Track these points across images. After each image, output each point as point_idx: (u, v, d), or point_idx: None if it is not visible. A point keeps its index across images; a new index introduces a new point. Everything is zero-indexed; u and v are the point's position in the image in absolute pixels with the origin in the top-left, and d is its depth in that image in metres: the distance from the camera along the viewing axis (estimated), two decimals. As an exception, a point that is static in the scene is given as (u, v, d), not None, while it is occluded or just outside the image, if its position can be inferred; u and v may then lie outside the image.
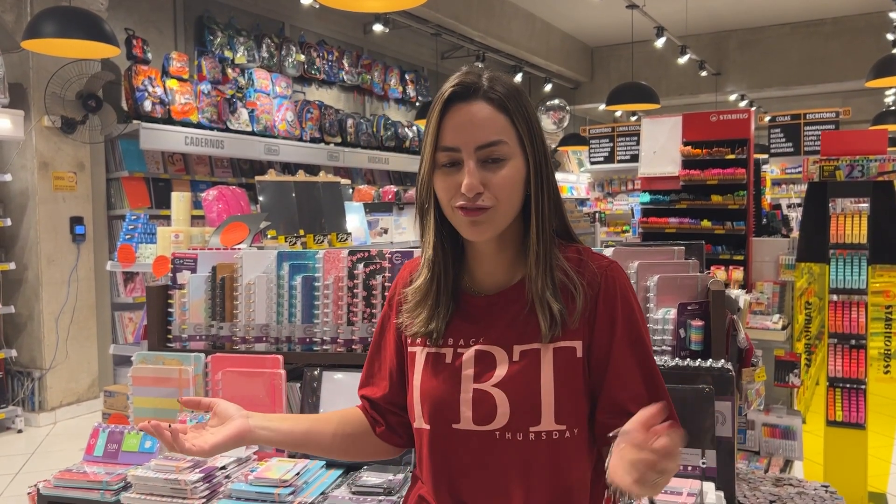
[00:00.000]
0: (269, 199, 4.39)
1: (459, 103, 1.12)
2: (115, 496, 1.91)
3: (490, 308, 1.19)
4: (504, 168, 1.11)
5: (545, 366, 1.13)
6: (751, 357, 2.05)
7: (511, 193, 1.13)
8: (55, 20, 4.60)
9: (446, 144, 1.12)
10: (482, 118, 1.11)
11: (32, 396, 5.96)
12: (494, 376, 1.14)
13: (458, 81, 1.13)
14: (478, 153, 1.10)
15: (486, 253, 1.20)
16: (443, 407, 1.17)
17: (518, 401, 1.13)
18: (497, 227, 1.14)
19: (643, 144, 5.85)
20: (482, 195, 1.10)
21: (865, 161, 3.84)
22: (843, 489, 2.76)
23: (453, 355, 1.18)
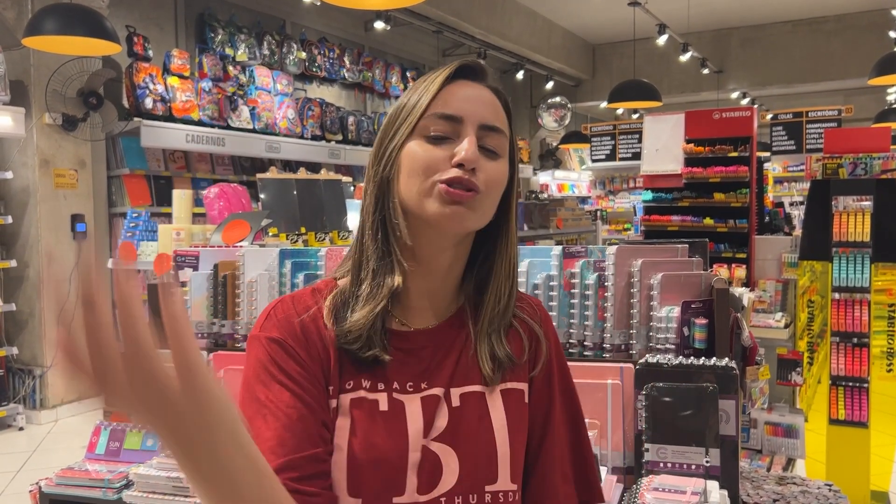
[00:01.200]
0: (271, 196, 4.39)
1: (467, 80, 0.99)
2: (116, 494, 1.90)
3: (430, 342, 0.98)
4: (499, 162, 0.96)
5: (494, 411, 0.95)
6: (754, 355, 2.04)
7: (497, 192, 0.97)
8: (56, 17, 4.59)
9: (448, 112, 0.94)
10: (491, 101, 0.98)
11: (34, 394, 5.96)
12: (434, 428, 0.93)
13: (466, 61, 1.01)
14: (479, 132, 0.95)
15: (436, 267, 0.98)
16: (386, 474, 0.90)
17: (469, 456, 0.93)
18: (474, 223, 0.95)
19: (645, 142, 5.85)
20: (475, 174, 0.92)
21: (869, 159, 3.83)
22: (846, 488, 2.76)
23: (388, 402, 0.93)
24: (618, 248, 2.04)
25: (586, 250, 2.09)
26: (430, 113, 0.94)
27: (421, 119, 0.94)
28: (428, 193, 0.92)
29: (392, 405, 0.93)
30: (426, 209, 0.93)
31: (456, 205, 0.92)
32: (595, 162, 10.01)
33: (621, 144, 9.59)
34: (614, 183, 10.77)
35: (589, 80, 13.58)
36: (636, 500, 1.66)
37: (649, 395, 1.79)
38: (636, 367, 1.85)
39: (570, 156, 14.33)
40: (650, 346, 1.97)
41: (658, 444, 1.77)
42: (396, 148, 0.95)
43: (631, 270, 2.01)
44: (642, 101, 8.71)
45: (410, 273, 0.97)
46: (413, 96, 0.97)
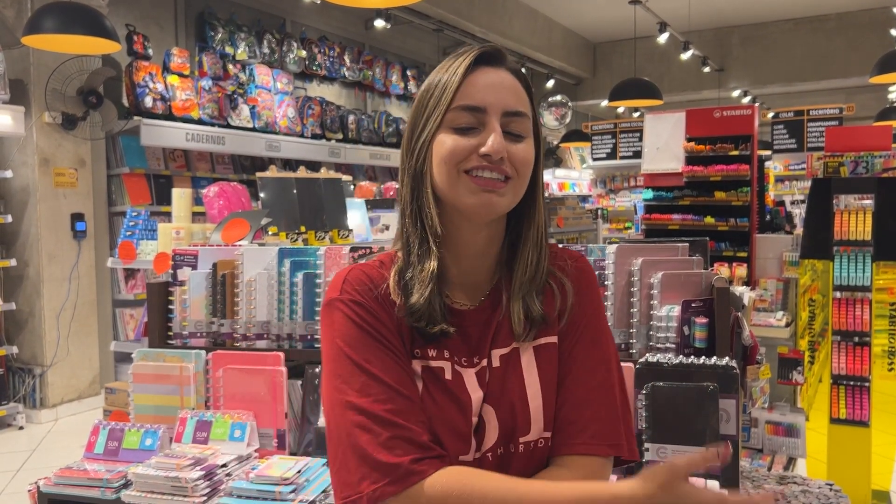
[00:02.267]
0: (270, 195, 4.38)
1: (486, 67, 1.02)
2: (115, 494, 1.90)
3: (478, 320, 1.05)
4: (526, 143, 1.01)
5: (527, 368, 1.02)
6: (755, 354, 2.03)
7: (527, 173, 1.02)
8: (56, 16, 4.58)
9: (470, 103, 0.99)
10: (511, 85, 1.02)
11: (33, 393, 5.95)
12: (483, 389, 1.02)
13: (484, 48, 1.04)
14: (504, 119, 0.99)
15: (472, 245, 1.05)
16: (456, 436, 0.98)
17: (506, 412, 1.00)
18: (508, 206, 1.02)
19: (646, 140, 5.84)
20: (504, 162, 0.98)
21: (870, 157, 3.82)
22: (847, 487, 2.75)
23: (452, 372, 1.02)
24: (618, 246, 2.03)
25: (586, 249, 2.08)
26: (456, 105, 0.99)
27: (447, 112, 0.99)
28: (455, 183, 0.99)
29: (454, 375, 1.01)
30: (461, 200, 0.99)
31: (489, 193, 0.98)
32: (596, 160, 10.00)
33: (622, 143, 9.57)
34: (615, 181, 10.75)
35: (590, 78, 13.56)
36: None
37: (649, 394, 1.79)
38: (636, 366, 1.85)
39: (570, 154, 14.32)
40: (650, 345, 1.96)
41: (658, 444, 1.77)
42: (427, 141, 1.01)
43: (631, 269, 2.00)
44: (643, 100, 8.70)
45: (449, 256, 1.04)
46: (437, 88, 1.01)
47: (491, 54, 1.02)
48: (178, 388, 2.19)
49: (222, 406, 2.16)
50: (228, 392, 2.16)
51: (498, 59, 1.03)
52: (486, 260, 1.07)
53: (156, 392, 2.21)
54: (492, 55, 1.02)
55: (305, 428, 2.09)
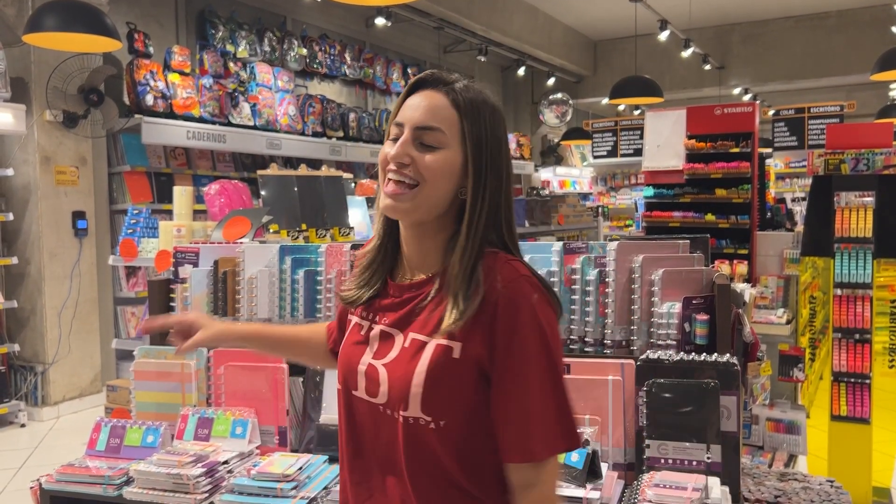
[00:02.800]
0: (271, 193, 4.38)
1: (422, 89, 1.24)
2: (117, 491, 1.90)
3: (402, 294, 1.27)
4: (435, 153, 1.20)
5: (424, 357, 1.18)
6: (756, 351, 2.04)
7: (436, 179, 1.19)
8: (56, 14, 4.59)
9: (396, 120, 1.24)
10: (432, 104, 1.21)
11: (35, 391, 5.96)
12: (387, 356, 1.24)
13: (430, 72, 1.26)
14: (415, 132, 1.20)
15: (408, 238, 1.28)
16: (349, 373, 1.28)
17: (393, 382, 1.20)
18: (415, 209, 1.20)
19: (647, 138, 5.83)
20: (407, 167, 1.19)
21: (871, 154, 3.82)
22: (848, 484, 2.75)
23: (367, 329, 1.30)
24: (619, 243, 2.03)
25: (587, 246, 2.08)
26: (392, 122, 1.25)
27: (390, 126, 1.25)
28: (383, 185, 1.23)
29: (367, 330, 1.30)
30: (380, 201, 1.24)
31: (393, 198, 1.20)
32: (596, 158, 9.99)
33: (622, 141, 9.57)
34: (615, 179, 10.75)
35: (590, 76, 13.55)
36: (637, 496, 1.66)
37: (650, 391, 1.79)
38: (637, 363, 1.85)
39: (571, 152, 14.31)
40: (651, 342, 1.96)
41: (659, 441, 1.77)
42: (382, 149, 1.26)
43: (632, 266, 2.01)
44: (644, 98, 8.70)
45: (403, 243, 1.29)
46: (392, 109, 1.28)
47: (428, 81, 1.24)
48: (180, 386, 2.19)
49: (224, 403, 2.17)
50: (230, 389, 2.16)
51: (434, 83, 1.24)
52: (426, 257, 1.26)
53: (157, 389, 2.22)
54: (430, 80, 1.24)
55: (307, 425, 2.10)
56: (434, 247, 1.25)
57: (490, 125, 1.22)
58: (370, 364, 1.25)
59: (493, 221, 1.22)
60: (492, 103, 1.24)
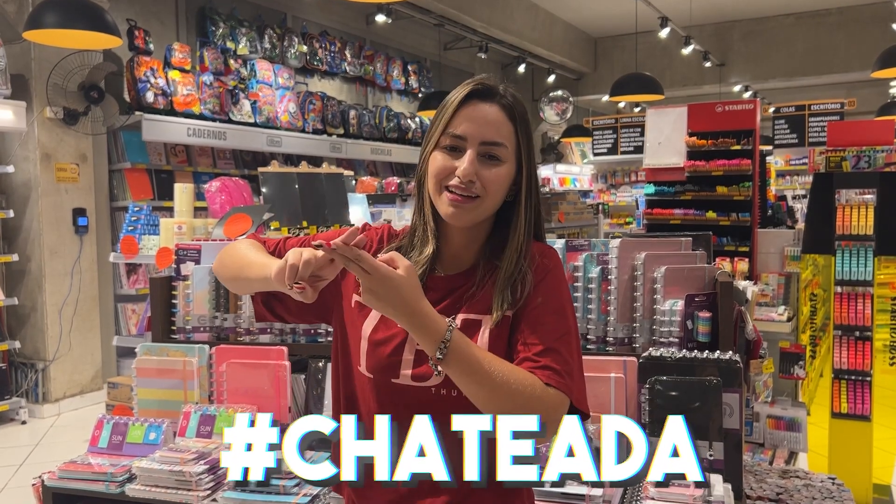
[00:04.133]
0: (272, 190, 4.38)
1: (477, 100, 1.26)
2: (119, 488, 1.90)
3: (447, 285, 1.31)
4: (499, 167, 1.25)
5: (482, 332, 1.25)
6: (758, 349, 2.04)
7: (498, 190, 1.26)
8: (57, 11, 4.58)
9: (456, 132, 1.24)
10: (494, 119, 1.25)
11: (36, 388, 5.97)
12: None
13: (480, 81, 1.28)
14: (480, 147, 1.24)
15: (457, 240, 1.32)
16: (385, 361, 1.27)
17: None
18: (476, 218, 1.26)
19: (648, 135, 5.83)
20: (475, 184, 1.23)
21: (872, 152, 3.82)
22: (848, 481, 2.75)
23: None
24: (621, 241, 2.03)
25: (589, 243, 2.08)
26: (447, 131, 1.25)
27: (441, 136, 1.26)
28: (438, 193, 1.26)
29: None
30: (440, 208, 1.26)
31: (457, 207, 1.24)
32: (597, 156, 9.99)
33: (623, 138, 9.56)
34: (616, 177, 10.73)
35: (591, 73, 13.54)
36: (640, 493, 1.66)
37: (653, 388, 1.79)
38: (639, 360, 1.85)
39: (571, 149, 14.30)
40: (653, 339, 1.96)
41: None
42: (427, 154, 1.28)
43: (634, 264, 2.00)
44: (644, 95, 8.69)
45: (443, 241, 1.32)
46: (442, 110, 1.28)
47: (482, 91, 1.26)
48: (182, 383, 2.19)
49: (226, 400, 2.17)
50: (232, 386, 2.16)
51: (489, 94, 1.26)
52: (469, 250, 1.32)
53: (159, 386, 2.22)
54: (484, 91, 1.27)
55: (309, 422, 2.10)
56: (482, 240, 1.32)
57: (529, 127, 1.31)
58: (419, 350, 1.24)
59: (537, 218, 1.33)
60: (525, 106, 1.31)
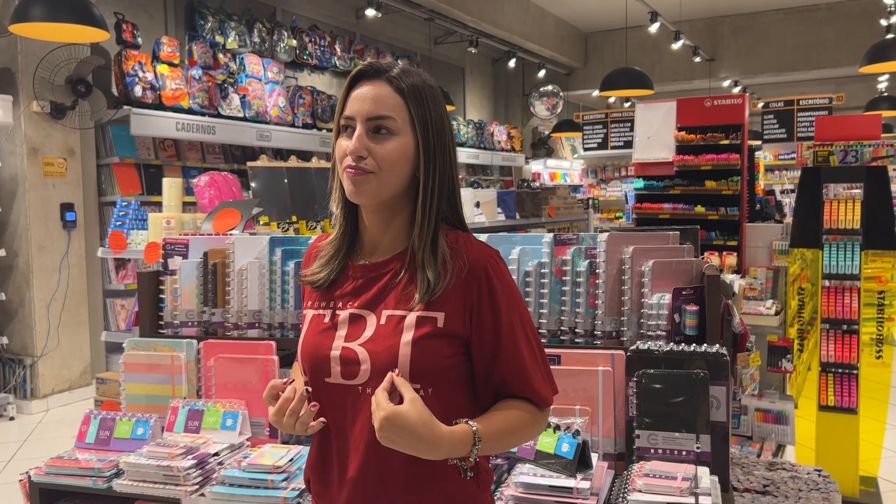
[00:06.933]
0: (262, 185, 4.37)
1: (364, 81, 1.28)
2: (107, 483, 1.90)
3: (367, 274, 1.32)
4: (390, 141, 1.25)
5: (406, 330, 1.24)
6: (745, 342, 2.05)
7: (393, 165, 1.25)
8: (43, 3, 4.54)
9: (345, 113, 1.28)
10: (377, 94, 1.26)
11: (24, 384, 5.93)
12: (362, 336, 1.27)
13: (369, 63, 1.30)
14: (367, 123, 1.25)
15: (372, 222, 1.32)
16: (317, 361, 1.29)
17: (377, 357, 1.24)
18: (376, 193, 1.26)
19: (637, 130, 5.84)
20: (365, 159, 1.24)
21: (859, 146, 3.83)
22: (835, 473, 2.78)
23: (331, 316, 1.32)
24: (609, 234, 2.04)
25: (577, 237, 2.09)
26: (342, 116, 1.29)
27: (339, 121, 1.29)
28: (342, 176, 1.28)
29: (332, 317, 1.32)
30: (344, 187, 1.28)
31: (355, 185, 1.25)
32: (587, 150, 9.98)
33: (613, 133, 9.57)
34: (606, 171, 10.74)
35: (581, 68, 13.55)
36: (627, 486, 1.67)
37: (640, 381, 1.80)
38: (627, 353, 1.86)
39: (561, 144, 14.32)
40: (641, 332, 1.97)
41: (649, 431, 1.78)
42: (333, 143, 1.32)
43: (622, 257, 2.01)
44: (634, 90, 8.70)
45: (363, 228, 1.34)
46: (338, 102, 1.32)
47: (368, 72, 1.28)
48: (170, 378, 2.19)
49: (214, 395, 2.16)
50: (220, 381, 2.16)
51: (375, 73, 1.28)
52: (387, 236, 1.32)
53: (147, 381, 2.21)
54: (370, 71, 1.28)
55: (297, 416, 2.10)
56: (400, 226, 1.32)
57: (433, 105, 1.29)
58: (344, 347, 1.27)
59: (446, 195, 1.30)
60: (430, 83, 1.30)
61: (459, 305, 1.26)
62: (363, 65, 1.30)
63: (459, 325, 1.26)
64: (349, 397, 1.27)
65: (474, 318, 1.26)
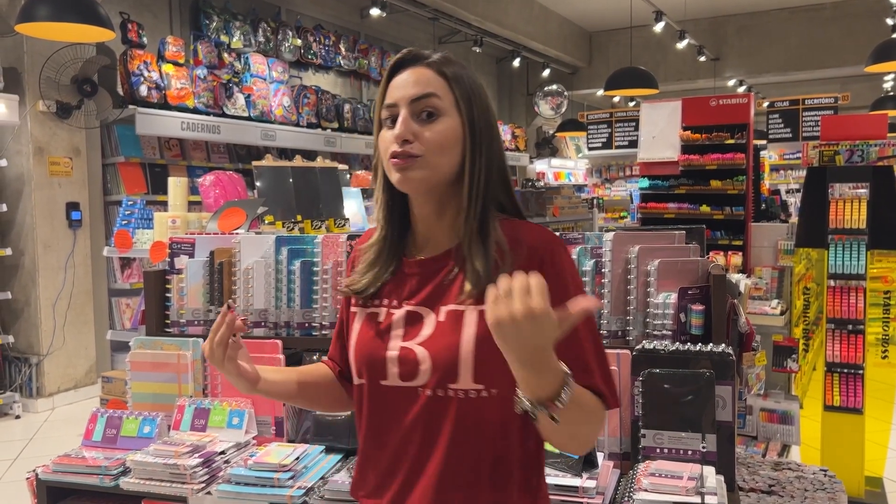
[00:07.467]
0: (267, 184, 4.37)
1: (405, 68, 1.24)
2: (113, 481, 1.90)
3: (423, 270, 1.26)
4: (436, 122, 1.20)
5: (467, 326, 1.17)
6: (751, 341, 2.05)
7: (441, 147, 1.19)
8: (49, 3, 4.55)
9: (387, 102, 1.23)
10: (419, 77, 1.22)
11: (30, 382, 5.95)
12: (420, 335, 1.21)
13: (407, 50, 1.26)
14: (411, 106, 1.20)
15: (423, 216, 1.26)
16: (373, 364, 1.23)
17: (438, 358, 1.18)
18: (425, 180, 1.20)
19: (642, 129, 5.83)
20: (411, 143, 1.18)
21: (865, 146, 3.83)
22: (840, 473, 2.77)
23: (385, 315, 1.26)
24: (615, 234, 2.04)
25: (583, 237, 2.09)
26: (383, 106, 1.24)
27: (381, 112, 1.24)
28: (388, 167, 1.22)
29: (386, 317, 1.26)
30: (391, 178, 1.22)
31: (403, 171, 1.19)
32: (591, 150, 9.98)
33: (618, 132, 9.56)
34: (611, 171, 10.74)
35: (585, 67, 13.53)
36: (633, 485, 1.67)
37: (646, 381, 1.80)
38: (633, 353, 1.85)
39: (566, 144, 14.31)
40: (647, 332, 1.97)
41: (655, 430, 1.78)
42: (375, 137, 1.26)
43: (628, 257, 2.01)
44: (639, 89, 8.70)
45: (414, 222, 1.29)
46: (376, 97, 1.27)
47: (407, 59, 1.25)
48: (176, 376, 2.19)
49: (220, 394, 2.17)
50: (226, 380, 2.16)
51: (414, 59, 1.24)
52: (439, 227, 1.26)
53: (153, 380, 2.22)
54: (409, 58, 1.25)
55: (303, 415, 2.10)
56: (452, 217, 1.25)
57: (476, 88, 1.25)
58: (403, 347, 1.21)
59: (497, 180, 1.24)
60: (469, 70, 1.26)
61: None
62: (402, 53, 1.26)
63: None
64: (407, 399, 1.21)
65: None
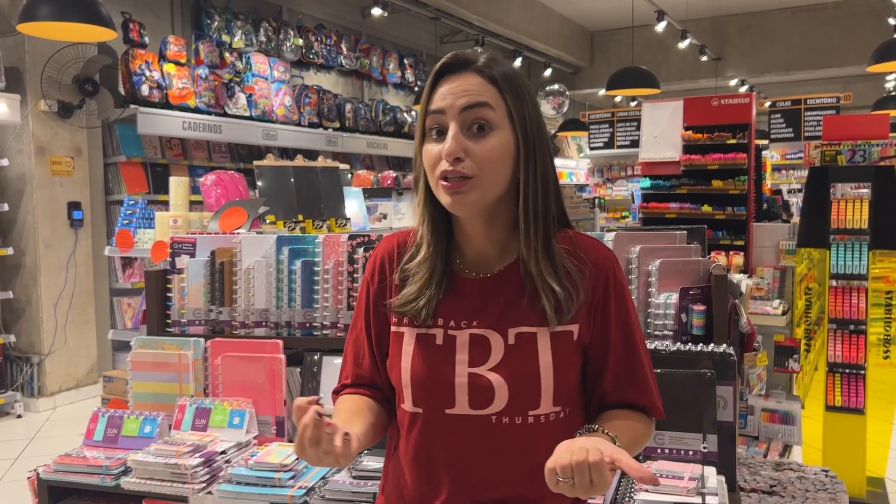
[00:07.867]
0: (268, 184, 4.37)
1: (451, 73, 1.15)
2: (114, 480, 1.90)
3: (483, 290, 1.17)
4: (489, 138, 1.11)
5: (542, 349, 1.12)
6: (752, 341, 2.04)
7: (495, 165, 1.11)
8: (51, 3, 4.55)
9: (433, 108, 1.13)
10: (470, 84, 1.12)
11: (31, 382, 5.96)
12: (490, 360, 1.13)
13: (453, 54, 1.16)
14: (462, 115, 1.10)
15: (474, 232, 1.18)
16: (436, 391, 1.14)
17: (517, 385, 1.12)
18: (479, 202, 1.12)
19: (644, 129, 5.83)
20: (463, 162, 1.09)
21: (867, 146, 3.82)
22: (842, 474, 2.77)
23: (444, 337, 1.16)
24: (616, 234, 2.04)
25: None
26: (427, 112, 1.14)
27: (425, 121, 1.14)
28: (436, 188, 1.13)
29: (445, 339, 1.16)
30: (441, 200, 1.14)
31: (455, 195, 1.10)
32: (593, 150, 9.98)
33: (619, 132, 9.55)
34: (612, 171, 10.73)
35: (587, 67, 13.53)
36: (634, 485, 1.67)
37: (647, 381, 1.79)
38: (634, 353, 1.85)
39: (568, 144, 14.30)
40: (648, 332, 1.97)
41: (656, 430, 1.77)
42: (418, 149, 1.16)
43: (629, 257, 2.01)
44: (641, 89, 8.68)
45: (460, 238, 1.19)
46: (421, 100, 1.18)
47: (454, 63, 1.15)
48: (177, 376, 2.19)
49: (221, 393, 2.17)
50: (227, 379, 2.16)
51: (462, 64, 1.14)
52: (494, 245, 1.18)
53: (154, 380, 2.22)
54: (456, 62, 1.15)
55: (304, 415, 2.10)
56: (503, 232, 1.18)
57: (522, 89, 1.15)
58: (472, 374, 1.13)
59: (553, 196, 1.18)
60: (513, 67, 1.18)
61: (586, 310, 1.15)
62: (446, 57, 1.16)
63: (587, 331, 1.16)
64: (478, 428, 1.13)
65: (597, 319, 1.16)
